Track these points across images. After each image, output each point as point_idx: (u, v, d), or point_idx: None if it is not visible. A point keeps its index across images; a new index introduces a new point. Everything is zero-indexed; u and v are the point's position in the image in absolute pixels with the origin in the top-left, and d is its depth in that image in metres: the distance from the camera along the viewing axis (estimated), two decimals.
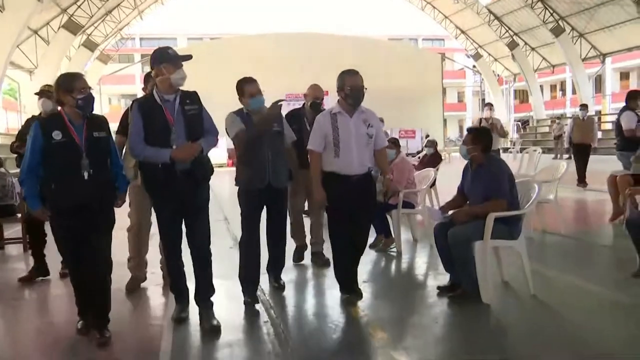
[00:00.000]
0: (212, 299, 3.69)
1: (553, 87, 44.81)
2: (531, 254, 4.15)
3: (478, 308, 3.74)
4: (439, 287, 4.12)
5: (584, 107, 11.69)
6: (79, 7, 22.35)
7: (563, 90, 42.25)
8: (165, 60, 3.48)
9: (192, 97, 3.58)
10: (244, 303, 4.01)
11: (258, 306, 3.99)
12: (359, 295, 4.05)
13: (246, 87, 4.11)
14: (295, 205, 5.08)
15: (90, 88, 3.45)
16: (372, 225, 4.65)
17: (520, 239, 3.96)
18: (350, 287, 4.07)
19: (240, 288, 4.07)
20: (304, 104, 5.21)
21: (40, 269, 4.94)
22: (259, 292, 4.18)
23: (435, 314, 3.78)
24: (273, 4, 49.85)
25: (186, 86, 3.59)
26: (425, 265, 5.22)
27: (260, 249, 4.19)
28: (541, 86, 38.63)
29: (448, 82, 46.05)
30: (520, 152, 17.74)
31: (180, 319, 3.68)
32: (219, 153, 21.74)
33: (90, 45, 26.41)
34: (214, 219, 3.89)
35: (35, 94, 5.01)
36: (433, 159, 8.39)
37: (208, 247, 3.70)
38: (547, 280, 4.36)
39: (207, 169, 3.63)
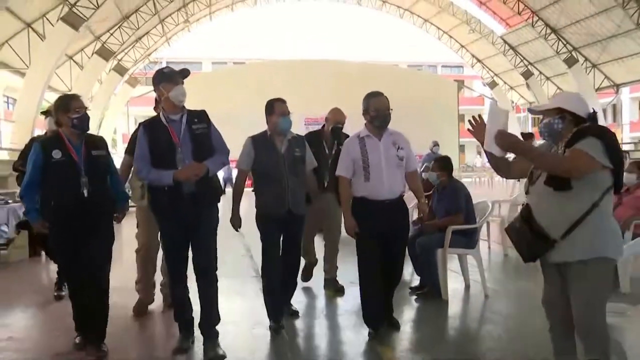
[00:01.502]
0: (217, 327, 3.59)
1: None
2: (503, 267, 4.84)
3: (438, 303, 4.57)
4: (410, 287, 4.92)
5: None
6: (111, 34, 23.81)
7: None
8: (162, 79, 3.43)
9: (200, 116, 3.49)
10: (269, 328, 3.96)
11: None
12: (396, 326, 3.91)
13: (277, 105, 4.04)
14: (310, 226, 4.80)
15: (86, 108, 3.52)
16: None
17: (477, 248, 4.75)
18: (381, 320, 3.87)
19: (265, 309, 4.07)
20: (323, 126, 5.05)
21: (62, 280, 4.98)
22: None
23: (404, 307, 4.57)
24: (293, 32, 51.43)
25: (210, 109, 3.56)
26: (408, 272, 5.97)
27: (281, 276, 4.07)
28: None
29: (467, 109, 46.54)
30: None
31: (182, 350, 3.51)
32: None
33: (120, 70, 27.92)
34: (230, 234, 4.12)
35: (42, 113, 5.04)
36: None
37: (214, 273, 3.56)
38: (504, 285, 5.12)
39: (213, 192, 3.55)
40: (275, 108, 4.02)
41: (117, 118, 33.09)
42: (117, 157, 4.75)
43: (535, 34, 27.33)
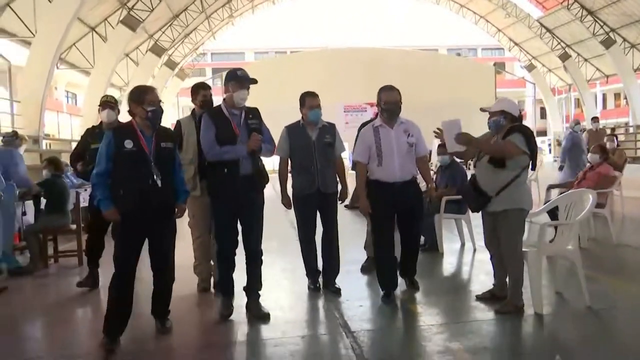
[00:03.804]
0: (259, 292, 4.02)
1: (617, 96, 44.46)
2: None
3: (435, 256, 5.93)
4: None
5: (595, 119, 13.30)
6: (163, 32, 25.72)
7: (627, 98, 41.97)
8: (232, 78, 3.82)
9: (254, 113, 3.95)
10: (308, 288, 4.64)
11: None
12: (415, 286, 4.45)
13: (307, 99, 4.52)
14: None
15: (160, 101, 3.58)
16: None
17: (467, 214, 6.05)
18: (393, 286, 4.32)
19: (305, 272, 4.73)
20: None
21: (90, 278, 5.00)
22: None
23: None
24: (333, 20, 52.53)
25: (254, 100, 3.86)
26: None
27: (315, 245, 4.66)
28: (604, 94, 38.79)
29: (508, 92, 46.46)
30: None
31: (226, 315, 3.92)
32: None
33: (171, 65, 29.94)
34: (278, 210, 4.96)
35: (99, 105, 5.09)
36: None
37: (260, 248, 3.98)
38: None
39: (264, 177, 3.97)
40: (306, 102, 4.52)
41: (168, 109, 35.19)
42: None
43: (572, 16, 27.44)
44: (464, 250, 6.23)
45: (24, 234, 6.18)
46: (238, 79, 3.80)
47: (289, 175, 4.67)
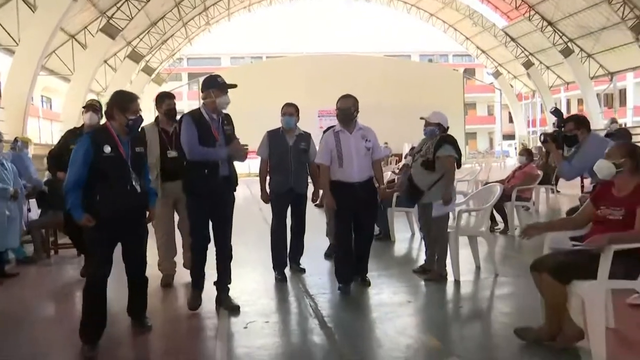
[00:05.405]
0: (229, 286, 4.25)
1: (580, 101, 46.38)
2: None
3: (388, 243, 6.94)
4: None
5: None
6: (141, 39, 26.40)
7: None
8: (213, 86, 4.02)
9: (229, 119, 4.22)
10: (275, 279, 5.11)
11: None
12: (367, 284, 4.73)
13: (284, 107, 5.14)
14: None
15: (141, 111, 3.63)
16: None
17: (415, 207, 7.05)
18: (350, 278, 4.68)
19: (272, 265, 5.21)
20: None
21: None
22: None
23: None
24: (308, 27, 53.55)
25: (235, 104, 4.13)
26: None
27: (286, 239, 5.24)
28: (568, 100, 40.64)
29: (478, 97, 48.32)
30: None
31: (196, 306, 4.17)
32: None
33: (148, 70, 30.52)
34: (252, 208, 5.91)
35: (83, 107, 5.31)
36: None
37: (230, 244, 4.24)
38: None
39: (236, 178, 4.29)
40: (283, 110, 5.16)
41: (144, 114, 35.52)
42: None
43: (533, 27, 28.87)
44: (413, 239, 7.25)
45: (28, 229, 6.96)
46: (220, 86, 4.04)
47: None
